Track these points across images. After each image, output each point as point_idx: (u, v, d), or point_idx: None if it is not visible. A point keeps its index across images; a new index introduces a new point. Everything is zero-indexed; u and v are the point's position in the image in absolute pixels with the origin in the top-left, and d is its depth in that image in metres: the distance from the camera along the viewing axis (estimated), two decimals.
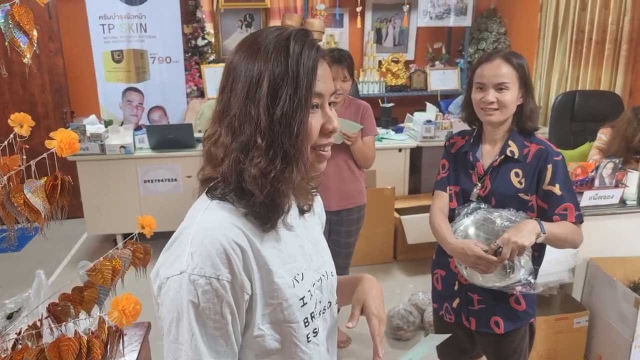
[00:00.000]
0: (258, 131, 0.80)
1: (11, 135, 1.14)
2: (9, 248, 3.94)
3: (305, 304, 0.90)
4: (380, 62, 5.25)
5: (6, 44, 1.05)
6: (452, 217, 1.74)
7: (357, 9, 4.92)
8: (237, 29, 5.00)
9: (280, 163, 0.81)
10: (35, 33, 1.06)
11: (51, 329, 1.14)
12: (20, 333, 1.15)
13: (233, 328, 0.82)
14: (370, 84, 5.13)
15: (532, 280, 1.60)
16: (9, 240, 1.07)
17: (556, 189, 1.62)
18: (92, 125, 3.92)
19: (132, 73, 4.32)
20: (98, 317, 1.15)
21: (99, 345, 1.10)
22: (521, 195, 1.65)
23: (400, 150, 4.11)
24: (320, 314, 0.95)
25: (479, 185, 1.70)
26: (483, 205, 1.67)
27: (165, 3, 4.24)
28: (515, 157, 1.66)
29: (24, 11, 1.05)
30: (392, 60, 5.28)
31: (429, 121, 4.10)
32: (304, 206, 0.98)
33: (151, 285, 0.86)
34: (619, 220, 2.54)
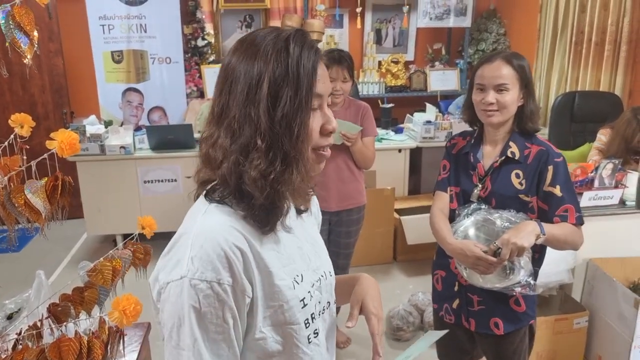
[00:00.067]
0: (258, 133, 0.80)
1: (12, 136, 1.14)
2: (10, 248, 3.94)
3: (305, 305, 0.90)
4: (380, 63, 5.25)
5: (7, 44, 1.05)
6: (453, 218, 1.74)
7: (357, 10, 4.92)
8: (237, 29, 5.00)
9: (280, 165, 0.81)
10: (35, 34, 1.06)
11: (51, 330, 1.14)
12: (20, 333, 1.15)
13: (235, 332, 0.82)
14: (370, 85, 5.13)
15: (532, 282, 1.60)
16: (10, 240, 1.07)
17: (557, 190, 1.61)
18: (92, 125, 3.92)
19: (132, 73, 4.32)
20: (98, 318, 1.15)
21: (99, 345, 1.10)
22: (522, 196, 1.64)
23: (400, 150, 4.11)
24: (320, 314, 0.95)
25: (480, 186, 1.70)
26: (483, 206, 1.67)
27: (165, 3, 4.24)
28: (516, 158, 1.66)
29: (25, 12, 1.05)
30: (392, 61, 5.28)
31: (428, 122, 4.10)
32: (301, 206, 0.97)
33: (150, 290, 0.85)
34: (618, 221, 2.55)
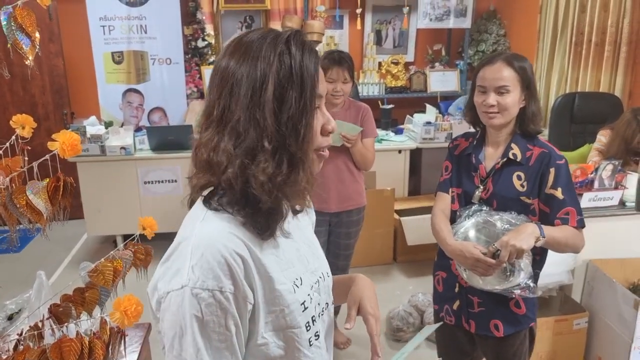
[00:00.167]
0: (265, 135, 0.79)
1: (13, 137, 1.14)
2: (11, 249, 3.94)
3: (306, 309, 0.90)
4: (380, 64, 5.25)
5: (8, 46, 1.05)
6: (454, 219, 1.74)
7: (357, 11, 4.92)
8: (237, 30, 5.00)
9: (287, 166, 0.81)
10: (37, 35, 1.07)
11: (53, 330, 1.15)
12: (21, 334, 1.16)
13: (237, 339, 0.81)
14: (370, 86, 5.14)
15: (532, 284, 1.60)
16: (11, 241, 1.08)
17: (558, 193, 1.61)
18: (93, 126, 3.93)
19: (132, 74, 4.32)
20: (100, 318, 1.16)
21: (100, 346, 1.10)
22: (523, 198, 1.64)
23: (400, 151, 4.12)
24: (319, 316, 0.95)
25: (481, 187, 1.70)
26: (485, 208, 1.66)
27: (165, 4, 4.24)
28: (518, 160, 1.65)
29: (27, 13, 1.05)
30: (392, 62, 5.28)
31: (428, 123, 4.11)
32: (297, 206, 0.96)
33: (148, 299, 0.84)
34: (618, 222, 2.55)
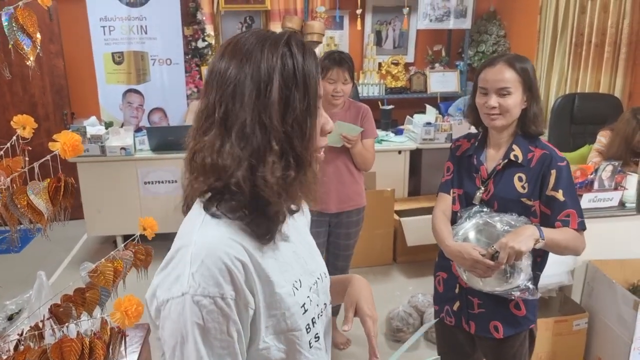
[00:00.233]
0: (272, 136, 0.79)
1: (14, 137, 1.14)
2: (11, 249, 3.94)
3: (306, 311, 0.90)
4: (380, 65, 5.26)
5: (10, 46, 1.06)
6: (455, 220, 1.73)
7: (357, 12, 4.93)
8: (238, 30, 5.00)
9: (295, 167, 0.82)
10: (38, 36, 1.07)
11: (53, 330, 1.15)
12: (22, 334, 1.16)
13: (239, 345, 0.81)
14: (370, 86, 5.14)
15: (531, 286, 1.59)
16: (12, 241, 1.08)
17: (559, 195, 1.60)
18: (93, 126, 3.93)
19: (133, 75, 4.32)
20: (100, 318, 1.16)
21: (101, 346, 1.10)
22: (524, 200, 1.63)
23: (400, 152, 4.12)
24: (318, 317, 0.95)
25: (482, 188, 1.69)
26: (485, 209, 1.66)
27: (165, 5, 4.24)
28: (519, 162, 1.65)
29: (28, 14, 1.06)
30: (392, 63, 5.28)
31: (428, 123, 4.11)
32: (293, 206, 0.95)
33: (147, 307, 0.84)
34: (618, 223, 2.55)
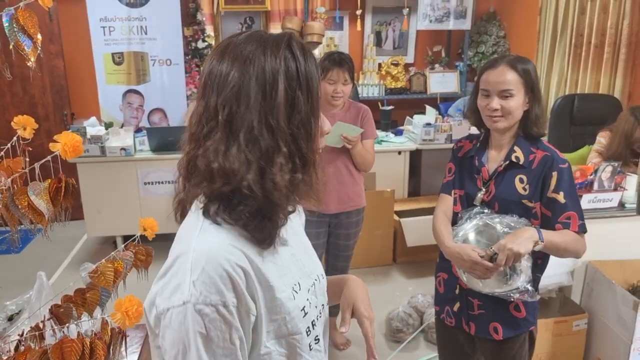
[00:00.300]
0: (280, 138, 0.79)
1: (14, 138, 1.15)
2: (12, 250, 3.94)
3: (306, 314, 0.90)
4: (380, 65, 5.26)
5: (10, 47, 1.06)
6: (456, 221, 1.73)
7: (357, 12, 4.93)
8: (238, 31, 4.99)
9: (302, 168, 0.82)
10: (39, 37, 1.07)
11: (54, 331, 1.15)
12: (22, 334, 1.16)
13: (241, 352, 0.81)
14: (370, 87, 5.14)
15: (530, 288, 1.59)
16: (13, 242, 1.08)
17: (560, 197, 1.59)
18: (93, 127, 3.92)
19: (133, 75, 4.32)
20: (101, 319, 1.16)
21: (101, 346, 1.10)
22: (525, 201, 1.63)
23: (399, 153, 4.12)
24: (318, 319, 0.95)
25: (483, 190, 1.69)
26: (486, 211, 1.66)
27: (165, 5, 4.24)
28: (521, 163, 1.64)
29: (29, 15, 1.06)
30: (392, 63, 5.29)
31: (428, 124, 4.11)
32: (290, 207, 0.94)
33: (145, 315, 0.83)
34: (617, 224, 2.55)
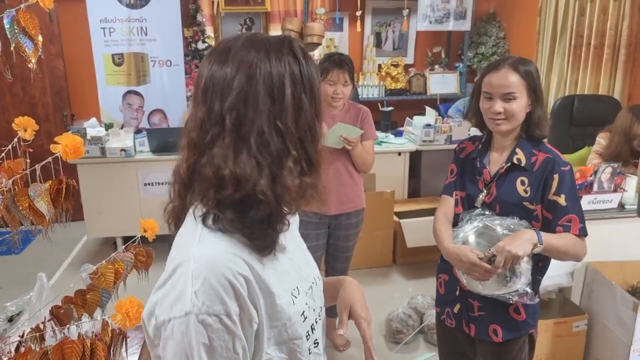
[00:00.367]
0: (290, 141, 0.80)
1: (15, 139, 1.15)
2: (13, 251, 3.94)
3: (306, 318, 0.90)
4: (379, 66, 5.27)
5: (11, 49, 1.06)
6: (457, 223, 1.73)
7: (357, 13, 4.93)
8: (238, 32, 5.00)
9: (308, 171, 0.83)
10: (40, 38, 1.07)
11: (54, 332, 1.15)
12: (23, 336, 1.16)
13: None
14: (369, 88, 5.15)
15: (530, 291, 1.58)
16: (14, 243, 1.08)
17: (561, 200, 1.59)
18: (93, 128, 3.93)
19: (133, 76, 4.32)
20: (101, 320, 1.16)
21: (102, 347, 1.10)
22: (526, 204, 1.62)
23: (399, 154, 4.11)
24: (316, 322, 0.95)
25: (485, 191, 1.69)
26: (487, 212, 1.65)
27: (166, 6, 4.25)
28: (522, 165, 1.63)
29: (30, 17, 1.06)
30: (392, 64, 5.29)
31: (428, 125, 4.11)
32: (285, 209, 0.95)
33: (143, 326, 0.82)
34: (617, 225, 2.55)
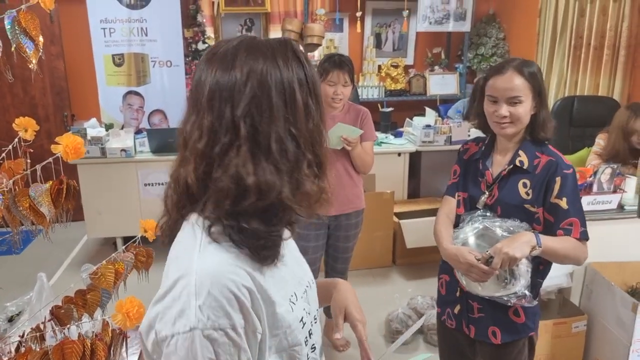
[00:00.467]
0: (305, 147, 0.80)
1: (16, 140, 1.15)
2: (13, 251, 3.94)
3: (304, 324, 0.90)
4: (379, 67, 5.27)
5: (12, 49, 1.06)
6: (459, 224, 1.73)
7: (357, 14, 4.94)
8: (238, 33, 5.01)
9: (320, 174, 0.83)
10: (41, 39, 1.07)
11: (54, 332, 1.15)
12: (23, 336, 1.16)
13: None
14: (369, 89, 5.15)
15: (528, 294, 1.58)
16: (14, 243, 1.08)
17: (563, 203, 1.58)
18: (93, 128, 3.92)
19: (133, 77, 4.33)
20: (102, 320, 1.16)
21: (102, 347, 1.10)
22: (527, 206, 1.61)
23: (399, 154, 4.12)
24: (312, 325, 0.95)
25: (487, 193, 1.68)
26: (488, 214, 1.65)
27: (166, 7, 4.25)
28: (525, 168, 1.63)
29: (30, 17, 1.06)
30: (392, 65, 5.30)
31: (428, 126, 4.11)
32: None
33: (142, 340, 0.81)
34: (617, 226, 2.55)
